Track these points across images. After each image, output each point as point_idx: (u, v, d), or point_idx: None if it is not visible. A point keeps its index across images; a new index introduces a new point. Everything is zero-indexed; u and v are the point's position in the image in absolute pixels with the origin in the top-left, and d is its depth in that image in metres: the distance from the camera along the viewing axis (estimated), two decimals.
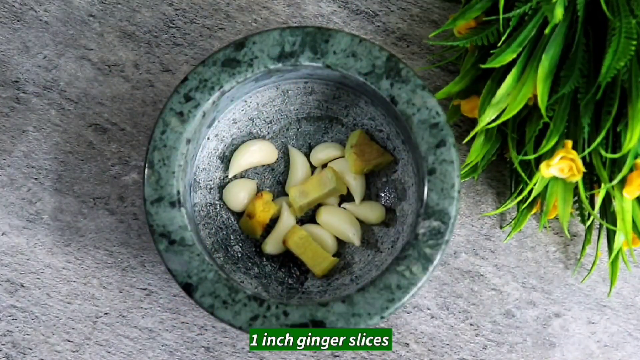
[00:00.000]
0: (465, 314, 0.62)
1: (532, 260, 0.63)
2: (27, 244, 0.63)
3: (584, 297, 0.62)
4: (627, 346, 0.62)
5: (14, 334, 0.62)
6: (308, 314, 0.52)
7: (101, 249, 0.63)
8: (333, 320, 0.52)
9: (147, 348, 0.62)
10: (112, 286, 0.63)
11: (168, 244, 0.53)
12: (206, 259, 0.53)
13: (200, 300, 0.53)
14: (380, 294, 0.52)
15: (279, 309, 0.52)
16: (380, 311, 0.52)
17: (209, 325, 0.62)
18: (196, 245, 0.53)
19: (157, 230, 0.53)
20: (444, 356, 0.62)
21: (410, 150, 0.57)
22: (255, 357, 0.62)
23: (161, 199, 0.54)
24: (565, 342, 0.62)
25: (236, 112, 0.60)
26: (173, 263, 0.53)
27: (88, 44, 0.64)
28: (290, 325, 0.52)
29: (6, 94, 0.64)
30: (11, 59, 0.64)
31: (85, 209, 0.63)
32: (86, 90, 0.64)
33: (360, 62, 0.54)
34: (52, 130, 0.64)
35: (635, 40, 0.51)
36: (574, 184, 0.56)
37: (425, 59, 0.64)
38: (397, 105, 0.54)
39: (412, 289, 0.52)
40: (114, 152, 0.64)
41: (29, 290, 0.63)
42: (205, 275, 0.53)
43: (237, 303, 0.52)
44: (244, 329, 0.52)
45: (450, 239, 0.54)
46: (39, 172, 0.64)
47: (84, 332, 0.62)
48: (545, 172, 0.53)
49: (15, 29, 0.65)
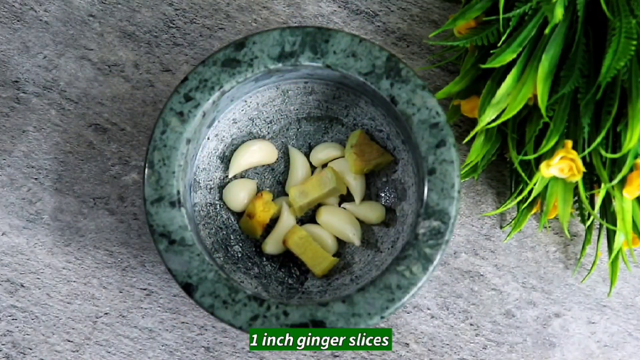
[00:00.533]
0: (465, 314, 0.62)
1: (532, 260, 0.63)
2: (27, 244, 0.63)
3: (584, 297, 0.62)
4: (627, 346, 0.62)
5: (14, 333, 0.62)
6: (308, 314, 0.52)
7: (101, 249, 0.63)
8: (333, 320, 0.52)
9: (147, 348, 0.62)
10: (112, 286, 0.63)
11: (168, 244, 0.53)
12: (206, 259, 0.53)
13: (200, 300, 0.53)
14: (380, 294, 0.52)
15: (279, 308, 0.52)
16: (380, 311, 0.52)
17: (209, 325, 0.62)
18: (196, 245, 0.53)
19: (157, 230, 0.53)
20: (444, 356, 0.62)
21: (410, 150, 0.57)
22: (255, 357, 0.62)
23: (161, 198, 0.54)
24: (565, 342, 0.62)
25: (236, 112, 0.60)
26: (173, 263, 0.53)
27: (88, 44, 0.64)
28: (290, 325, 0.52)
29: (6, 94, 0.64)
30: (11, 59, 0.64)
31: (85, 209, 0.63)
32: (86, 90, 0.64)
33: (360, 62, 0.54)
34: (52, 130, 0.64)
35: (635, 40, 0.51)
36: (574, 184, 0.56)
37: (425, 59, 0.64)
38: (397, 105, 0.54)
39: (412, 289, 0.52)
40: (114, 152, 0.64)
41: (29, 290, 0.63)
42: (205, 275, 0.53)
43: (237, 303, 0.52)
44: (244, 329, 0.52)
45: (450, 239, 0.54)
46: (39, 172, 0.64)
47: (84, 332, 0.62)
48: (545, 172, 0.53)
49: (16, 29, 0.65)
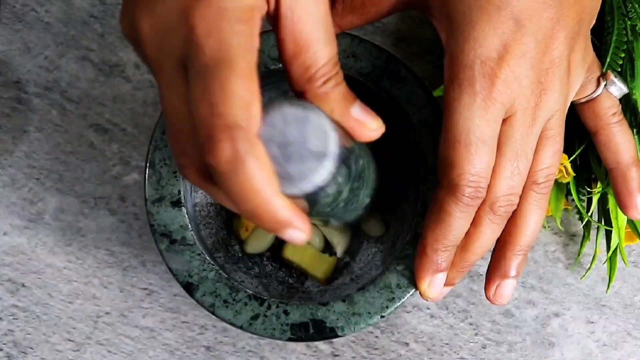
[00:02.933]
0: (465, 313, 0.62)
1: (531, 260, 0.63)
2: (29, 244, 0.63)
3: (583, 296, 0.63)
4: (625, 345, 0.62)
5: (16, 333, 0.63)
6: (308, 313, 0.52)
7: (102, 249, 0.63)
8: (333, 319, 0.52)
9: (148, 347, 0.62)
10: (113, 286, 0.63)
11: (169, 244, 0.53)
12: (207, 258, 0.53)
13: (201, 300, 0.53)
14: (380, 293, 0.52)
15: (280, 308, 0.52)
16: (381, 310, 0.52)
17: (210, 324, 0.63)
18: (197, 244, 0.54)
19: (158, 230, 0.54)
20: (443, 355, 0.62)
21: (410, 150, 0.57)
22: (256, 357, 0.62)
23: (162, 198, 0.54)
24: (564, 342, 0.62)
25: None
26: (174, 262, 0.53)
27: (89, 44, 0.65)
28: (290, 324, 0.52)
29: (8, 95, 0.64)
30: (13, 60, 0.64)
31: (86, 209, 0.63)
32: (87, 90, 0.64)
33: (360, 63, 0.55)
34: (54, 130, 0.64)
35: (626, 43, 0.52)
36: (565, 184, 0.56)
37: (425, 60, 0.64)
38: (398, 105, 0.54)
39: (412, 288, 0.52)
40: (115, 152, 0.64)
41: (30, 289, 0.63)
42: (206, 275, 0.53)
43: (237, 302, 0.53)
44: (245, 328, 0.52)
45: None
46: (41, 172, 0.64)
47: (85, 332, 0.63)
48: None
49: (17, 29, 0.65)
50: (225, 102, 0.36)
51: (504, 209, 0.47)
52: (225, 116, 0.36)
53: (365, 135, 0.41)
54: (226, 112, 0.36)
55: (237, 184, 0.36)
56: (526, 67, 0.45)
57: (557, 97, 0.46)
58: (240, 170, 0.36)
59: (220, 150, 0.36)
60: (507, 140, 0.46)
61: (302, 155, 0.37)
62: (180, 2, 0.38)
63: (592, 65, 0.50)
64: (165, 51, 0.38)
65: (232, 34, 0.37)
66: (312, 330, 0.52)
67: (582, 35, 0.47)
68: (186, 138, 0.39)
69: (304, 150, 0.38)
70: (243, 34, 0.37)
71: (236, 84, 0.36)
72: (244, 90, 0.36)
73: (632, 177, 0.52)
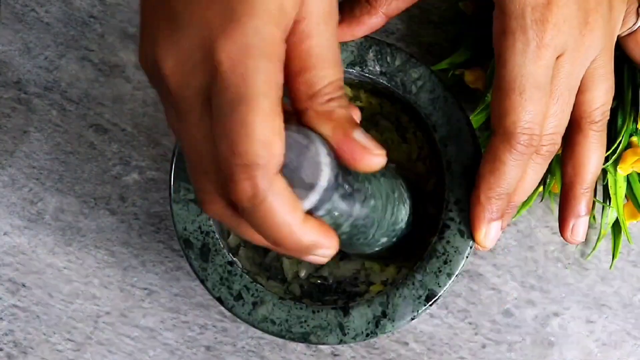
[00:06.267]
0: (464, 313, 0.63)
1: (530, 259, 0.63)
2: (29, 244, 0.63)
3: (582, 296, 0.63)
4: (625, 345, 0.62)
5: (16, 333, 0.63)
6: (332, 315, 0.52)
7: (102, 249, 0.63)
8: (356, 319, 0.52)
9: (148, 347, 0.62)
10: (113, 286, 0.63)
11: (194, 248, 0.53)
12: (233, 259, 0.53)
13: (235, 311, 0.52)
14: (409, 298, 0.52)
15: (305, 310, 0.52)
16: (411, 313, 0.51)
17: (210, 324, 0.63)
18: (221, 246, 0.53)
19: (181, 234, 0.53)
20: (443, 355, 0.62)
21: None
22: (256, 356, 0.62)
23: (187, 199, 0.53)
24: (564, 341, 0.62)
25: None
26: (201, 270, 0.52)
27: (89, 45, 0.65)
28: (312, 326, 0.51)
29: (8, 95, 0.64)
30: (12, 60, 0.65)
31: (86, 209, 0.64)
32: (87, 91, 0.64)
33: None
34: (53, 130, 0.64)
35: None
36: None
37: (424, 60, 0.64)
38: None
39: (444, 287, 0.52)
40: (115, 152, 0.64)
41: (31, 289, 0.63)
42: (232, 279, 0.52)
43: (263, 304, 0.52)
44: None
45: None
46: (41, 172, 0.64)
47: (85, 332, 0.63)
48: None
49: (17, 30, 0.65)
50: (245, 141, 0.36)
51: (547, 149, 0.48)
52: (245, 155, 0.36)
53: (366, 161, 0.40)
54: (246, 152, 0.36)
55: (259, 219, 0.38)
56: (574, 8, 0.46)
57: (603, 34, 0.47)
58: (262, 207, 0.37)
59: (241, 189, 0.37)
60: (553, 81, 0.47)
61: (293, 180, 0.38)
62: (205, 37, 0.37)
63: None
64: (192, 87, 0.38)
65: (256, 72, 0.37)
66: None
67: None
68: (207, 175, 0.39)
69: (296, 177, 0.38)
70: (267, 70, 0.37)
71: (258, 122, 0.36)
72: (266, 129, 0.36)
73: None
